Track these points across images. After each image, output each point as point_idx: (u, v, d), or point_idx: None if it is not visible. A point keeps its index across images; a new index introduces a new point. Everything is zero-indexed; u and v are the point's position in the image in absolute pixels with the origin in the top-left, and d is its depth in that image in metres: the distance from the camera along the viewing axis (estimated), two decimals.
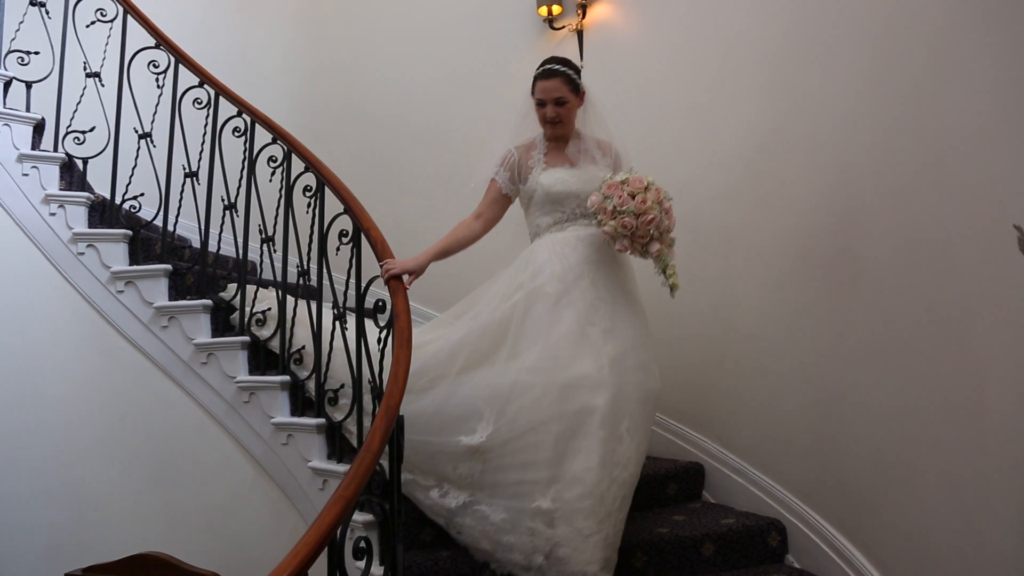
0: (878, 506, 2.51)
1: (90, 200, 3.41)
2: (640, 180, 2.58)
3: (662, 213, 2.56)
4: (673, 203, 2.64)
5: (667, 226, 2.59)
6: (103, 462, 3.28)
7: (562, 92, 2.73)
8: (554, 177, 2.76)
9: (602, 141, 2.84)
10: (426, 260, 2.76)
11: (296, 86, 4.83)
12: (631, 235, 2.56)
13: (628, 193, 2.56)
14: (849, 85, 2.66)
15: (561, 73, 2.74)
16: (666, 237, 2.60)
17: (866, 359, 2.55)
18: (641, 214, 2.53)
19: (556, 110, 2.74)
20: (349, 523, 1.95)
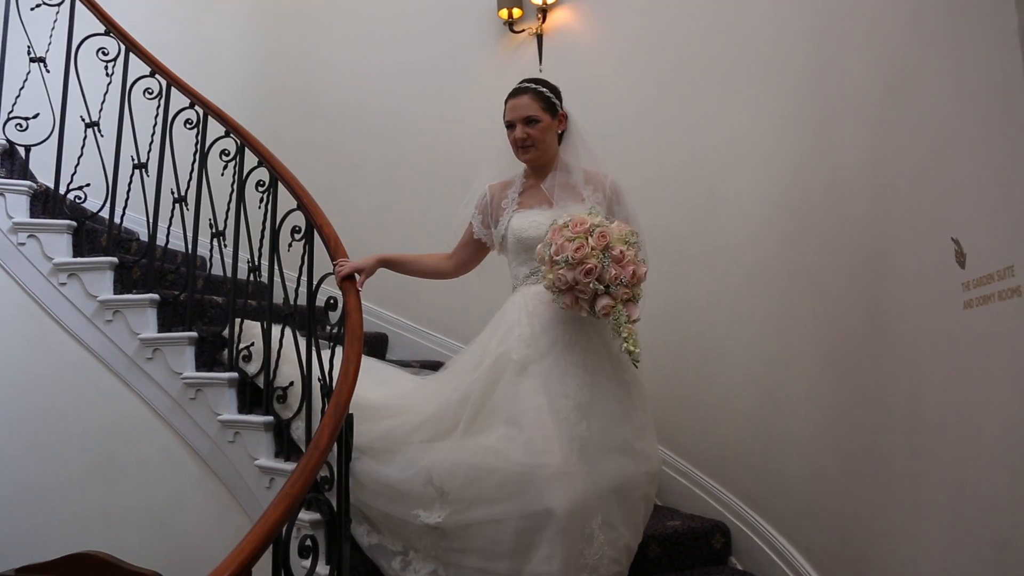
0: (818, 509, 2.58)
1: (32, 189, 3.32)
2: (582, 222, 2.19)
3: (606, 262, 2.14)
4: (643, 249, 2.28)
5: (616, 277, 2.15)
6: (41, 458, 3.19)
7: (532, 110, 2.42)
8: (526, 220, 2.43)
9: (593, 174, 2.47)
10: (375, 261, 2.62)
11: (250, 79, 4.77)
12: (571, 289, 2.18)
13: (566, 238, 2.18)
14: (797, 98, 2.72)
15: (531, 89, 2.45)
16: (617, 291, 2.16)
17: (810, 365, 2.62)
18: (578, 263, 2.13)
19: (526, 131, 2.42)
20: (295, 521, 1.93)
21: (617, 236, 2.18)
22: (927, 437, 1.88)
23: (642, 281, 2.19)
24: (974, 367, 1.61)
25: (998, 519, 1.53)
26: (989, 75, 1.57)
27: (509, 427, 2.21)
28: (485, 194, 2.57)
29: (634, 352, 2.13)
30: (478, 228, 2.57)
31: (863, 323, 2.27)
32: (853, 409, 2.35)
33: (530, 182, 2.53)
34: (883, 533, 2.15)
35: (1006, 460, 1.51)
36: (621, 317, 2.15)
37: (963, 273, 1.60)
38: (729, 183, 3.07)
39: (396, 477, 2.36)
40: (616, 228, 2.20)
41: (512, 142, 2.48)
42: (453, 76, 4.23)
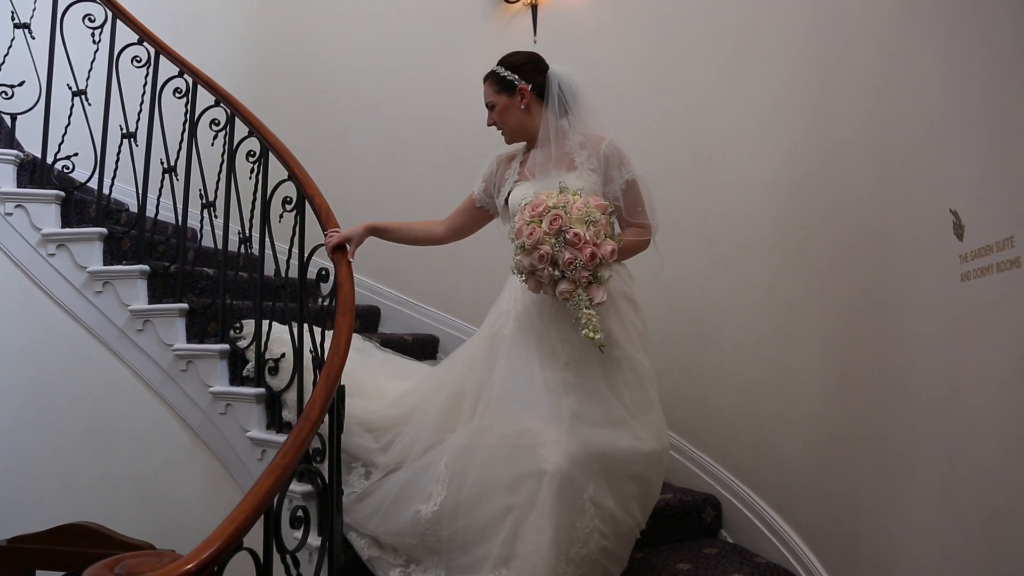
0: (810, 483, 2.59)
1: (19, 158, 3.28)
2: (540, 203, 2.11)
3: (559, 247, 2.05)
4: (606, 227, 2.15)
5: (570, 262, 2.05)
6: (32, 430, 3.18)
7: (490, 96, 2.47)
8: (520, 193, 2.38)
9: (589, 137, 2.38)
10: (363, 229, 2.63)
11: (240, 49, 4.69)
12: (532, 274, 2.13)
13: (524, 222, 2.12)
14: (795, 75, 2.69)
15: (490, 75, 2.48)
16: (575, 275, 2.07)
17: (804, 341, 2.62)
18: (532, 249, 2.08)
19: (492, 117, 2.49)
20: (286, 492, 1.93)
21: (577, 216, 2.07)
22: (919, 412, 1.88)
23: (607, 261, 2.09)
24: (968, 340, 1.61)
25: (989, 493, 1.53)
26: (989, 44, 1.55)
27: (502, 404, 2.25)
28: (492, 164, 2.58)
29: (595, 339, 2.06)
30: (480, 195, 2.57)
31: (858, 298, 2.26)
32: (846, 384, 2.35)
33: (528, 154, 2.51)
34: (875, 508, 2.16)
35: (997, 434, 1.51)
36: (581, 302, 2.08)
37: (961, 245, 1.59)
38: (725, 157, 3.05)
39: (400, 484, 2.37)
40: (579, 206, 2.09)
41: None
42: (446, 47, 4.18)
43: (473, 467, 2.20)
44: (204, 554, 1.48)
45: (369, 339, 3.19)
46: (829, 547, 2.48)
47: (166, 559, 1.51)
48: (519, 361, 2.27)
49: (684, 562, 2.68)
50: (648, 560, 2.69)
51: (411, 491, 2.32)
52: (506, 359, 2.30)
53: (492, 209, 2.58)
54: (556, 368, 2.23)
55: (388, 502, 2.36)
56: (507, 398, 2.25)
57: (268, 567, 1.77)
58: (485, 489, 2.17)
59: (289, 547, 1.87)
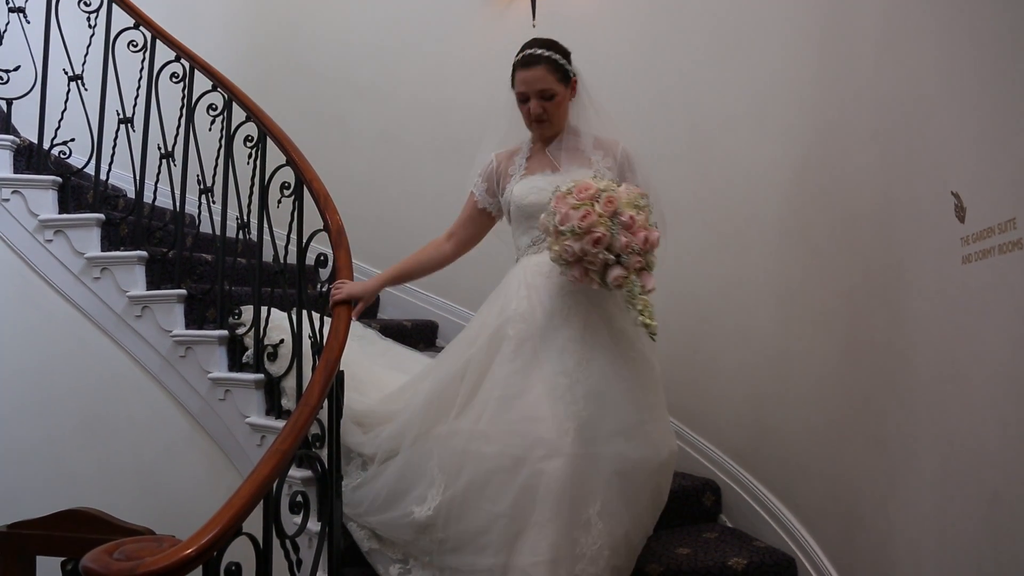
0: (809, 467, 2.59)
1: (15, 144, 3.26)
2: (586, 187, 2.04)
3: (615, 229, 1.99)
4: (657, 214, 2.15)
5: (627, 246, 1.99)
6: (31, 416, 3.18)
7: (548, 83, 2.26)
8: (528, 185, 2.31)
9: (603, 140, 2.34)
10: (376, 285, 2.50)
11: (237, 34, 4.67)
12: (579, 261, 2.03)
13: (571, 206, 2.02)
14: (795, 54, 2.68)
15: (545, 59, 2.26)
16: (629, 260, 2.00)
17: (803, 324, 2.61)
18: (585, 232, 1.98)
19: (542, 105, 2.27)
20: (286, 477, 1.92)
21: (626, 200, 2.02)
22: (919, 394, 1.88)
23: (655, 247, 2.04)
24: (969, 322, 1.60)
25: (989, 473, 1.53)
26: (989, 24, 1.54)
27: (502, 408, 2.12)
28: (491, 162, 2.44)
29: (651, 325, 1.99)
30: (481, 196, 2.45)
31: (858, 280, 2.26)
32: (846, 367, 2.35)
33: (537, 147, 2.40)
34: (874, 490, 2.16)
35: (997, 414, 1.50)
36: (635, 288, 2.00)
37: (962, 228, 1.58)
38: (724, 138, 3.04)
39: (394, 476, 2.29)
40: (624, 191, 2.05)
41: (524, 115, 2.33)
42: (445, 31, 4.15)
43: (468, 473, 2.10)
44: (203, 539, 1.48)
45: (369, 326, 3.18)
46: (828, 530, 2.48)
47: (165, 544, 1.51)
48: (524, 365, 2.14)
49: (683, 547, 2.68)
50: (647, 545, 2.69)
51: (404, 486, 2.25)
52: (511, 362, 2.16)
53: (495, 210, 2.47)
54: (566, 371, 2.11)
55: (383, 496, 2.31)
56: (509, 404, 2.12)
57: (268, 552, 1.77)
58: (481, 498, 2.07)
59: (289, 532, 1.87)
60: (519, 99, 2.31)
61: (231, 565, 1.60)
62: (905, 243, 1.95)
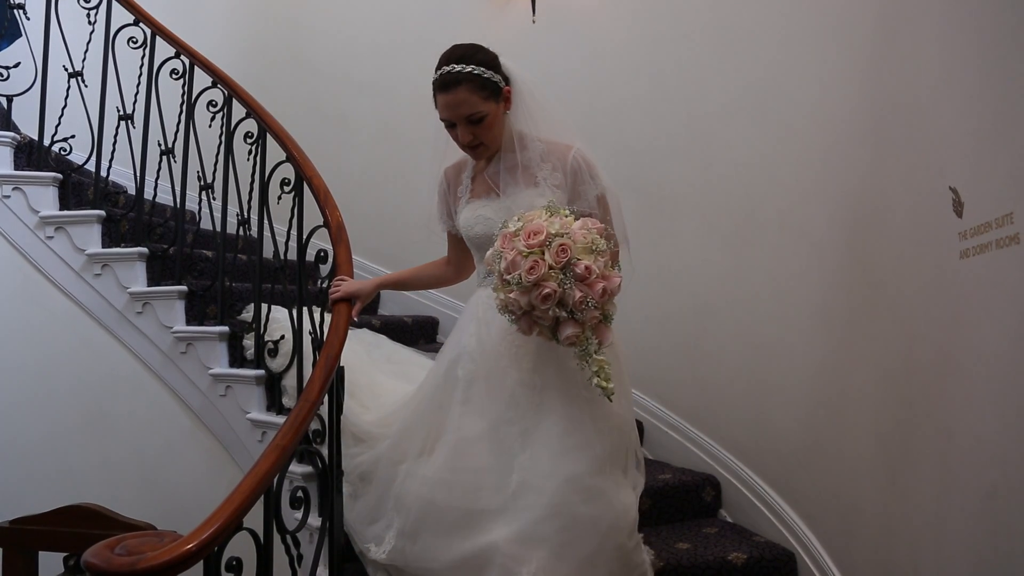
0: (809, 463, 2.60)
1: (16, 140, 3.27)
2: (537, 230, 1.73)
3: (569, 283, 1.72)
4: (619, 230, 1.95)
5: (582, 301, 1.73)
6: (33, 413, 3.19)
7: (473, 105, 1.95)
8: (474, 214, 2.06)
9: (553, 146, 2.02)
10: (375, 286, 2.37)
11: (237, 31, 4.67)
12: (527, 314, 1.79)
13: (518, 252, 1.74)
14: (793, 51, 2.67)
15: (466, 77, 1.94)
16: (584, 315, 1.74)
17: (802, 319, 2.61)
18: (534, 286, 1.72)
19: (472, 131, 1.98)
20: (286, 472, 1.93)
21: (582, 245, 1.74)
22: (917, 388, 1.88)
23: (615, 295, 1.79)
24: (967, 317, 1.61)
25: (988, 468, 1.53)
26: (988, 19, 1.54)
27: (452, 455, 1.98)
28: (442, 180, 2.20)
29: (607, 388, 1.75)
30: (444, 220, 2.22)
31: (857, 275, 2.26)
32: (844, 362, 2.35)
33: (480, 165, 2.13)
34: (873, 485, 2.16)
35: (995, 408, 1.51)
36: (590, 346, 1.77)
37: (960, 223, 1.59)
38: (724, 133, 3.03)
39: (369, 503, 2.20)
40: (580, 233, 1.75)
41: (454, 141, 2.05)
42: (444, 26, 4.14)
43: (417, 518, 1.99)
44: (204, 534, 1.48)
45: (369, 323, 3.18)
46: (828, 525, 2.49)
47: (166, 539, 1.52)
48: (474, 409, 1.97)
49: (683, 541, 2.69)
50: (647, 540, 2.70)
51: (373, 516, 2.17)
52: (461, 404, 2.00)
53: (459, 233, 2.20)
54: (512, 418, 1.92)
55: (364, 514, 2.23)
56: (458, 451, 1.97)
57: (268, 547, 1.78)
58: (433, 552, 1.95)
59: (289, 527, 1.87)
60: (445, 125, 2.02)
61: (232, 560, 1.60)
62: (903, 237, 1.96)
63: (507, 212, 1.93)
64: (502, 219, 1.90)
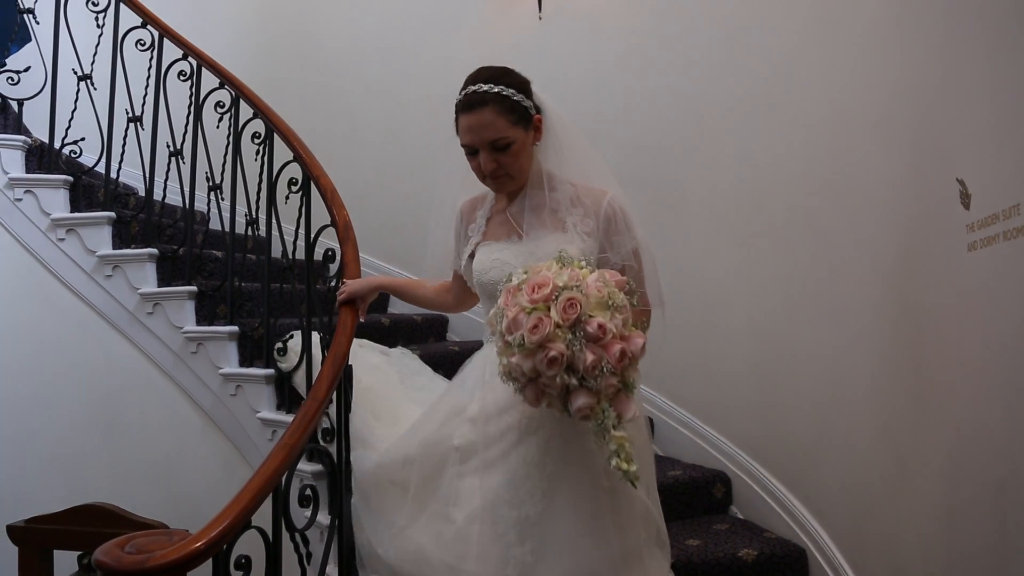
0: (819, 458, 2.59)
1: (27, 144, 3.29)
2: (543, 283, 1.50)
3: (578, 345, 1.46)
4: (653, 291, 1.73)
5: (594, 366, 1.46)
6: (46, 413, 3.21)
7: (499, 129, 1.72)
8: (488, 258, 1.81)
9: (586, 191, 1.78)
10: (373, 283, 2.27)
11: (245, 31, 4.68)
12: (533, 381, 1.52)
13: (521, 308, 1.51)
14: (802, 43, 2.66)
15: (494, 97, 1.72)
16: (600, 383, 1.47)
17: (811, 314, 2.60)
18: (538, 348, 1.48)
19: (496, 159, 1.74)
20: (294, 471, 1.93)
21: (596, 300, 1.49)
22: (926, 382, 1.87)
23: (639, 358, 1.53)
24: (975, 309, 1.60)
25: (996, 462, 1.53)
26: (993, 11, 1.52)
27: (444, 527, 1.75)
28: (456, 213, 1.97)
29: (628, 471, 1.47)
30: (455, 258, 1.99)
31: (866, 269, 2.25)
32: (853, 357, 2.34)
33: (501, 203, 1.89)
34: (883, 479, 2.15)
35: (1005, 403, 1.50)
36: (608, 420, 1.48)
37: (968, 215, 1.57)
38: (733, 129, 3.02)
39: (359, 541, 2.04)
40: (595, 286, 1.50)
41: (475, 170, 1.80)
42: (451, 25, 4.15)
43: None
44: (212, 532, 1.49)
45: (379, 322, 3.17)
46: (838, 520, 2.48)
47: (176, 538, 1.53)
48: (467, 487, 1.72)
49: (694, 538, 2.69)
50: None
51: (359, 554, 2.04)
52: (455, 476, 1.75)
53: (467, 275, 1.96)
54: (515, 503, 1.65)
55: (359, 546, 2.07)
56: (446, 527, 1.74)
57: (277, 545, 1.78)
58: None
59: (298, 526, 1.88)
60: (466, 151, 1.78)
61: (241, 558, 1.61)
62: (911, 231, 1.94)
63: (529, 258, 1.71)
64: (520, 263, 1.67)
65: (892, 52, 2.07)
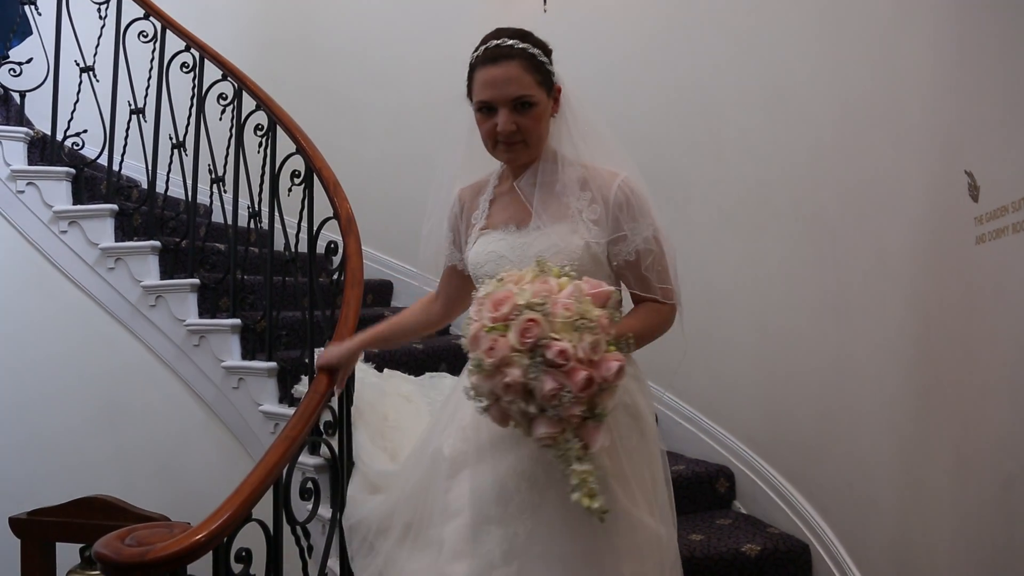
0: (823, 453, 2.57)
1: (29, 136, 3.29)
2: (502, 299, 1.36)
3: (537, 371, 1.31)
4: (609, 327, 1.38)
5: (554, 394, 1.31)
6: (49, 406, 3.21)
7: (525, 86, 1.57)
8: (485, 248, 1.65)
9: (596, 173, 1.62)
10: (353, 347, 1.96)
11: (249, 24, 4.66)
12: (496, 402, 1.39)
13: (482, 325, 1.37)
14: (808, 34, 2.64)
15: (519, 53, 1.58)
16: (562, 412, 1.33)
17: (816, 308, 2.59)
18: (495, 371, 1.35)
19: (516, 120, 1.57)
20: (295, 463, 1.93)
21: (563, 320, 1.33)
22: (933, 377, 1.86)
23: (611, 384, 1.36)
24: (983, 303, 1.58)
25: (1004, 457, 1.51)
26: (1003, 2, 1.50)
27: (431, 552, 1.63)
28: (454, 201, 1.78)
29: (592, 507, 1.33)
30: (450, 250, 1.80)
31: (872, 263, 2.23)
32: (858, 351, 2.32)
33: (504, 185, 1.71)
34: (889, 475, 2.14)
35: (1013, 397, 1.48)
36: (571, 452, 1.35)
37: (976, 207, 1.56)
38: (739, 122, 3.00)
39: None
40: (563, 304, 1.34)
41: (488, 135, 1.61)
42: (455, 17, 4.13)
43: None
44: (213, 525, 1.49)
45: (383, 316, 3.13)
46: (842, 516, 2.47)
47: (176, 530, 1.53)
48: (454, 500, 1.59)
49: (697, 533, 2.67)
50: None
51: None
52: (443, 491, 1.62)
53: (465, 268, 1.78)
54: (500, 519, 1.50)
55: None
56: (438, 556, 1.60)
57: (278, 538, 1.78)
58: None
59: (300, 519, 1.88)
60: (481, 110, 1.60)
61: (242, 551, 1.61)
62: (919, 224, 1.93)
63: (524, 250, 1.58)
64: (517, 259, 1.56)
65: (900, 45, 2.05)
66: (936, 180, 1.81)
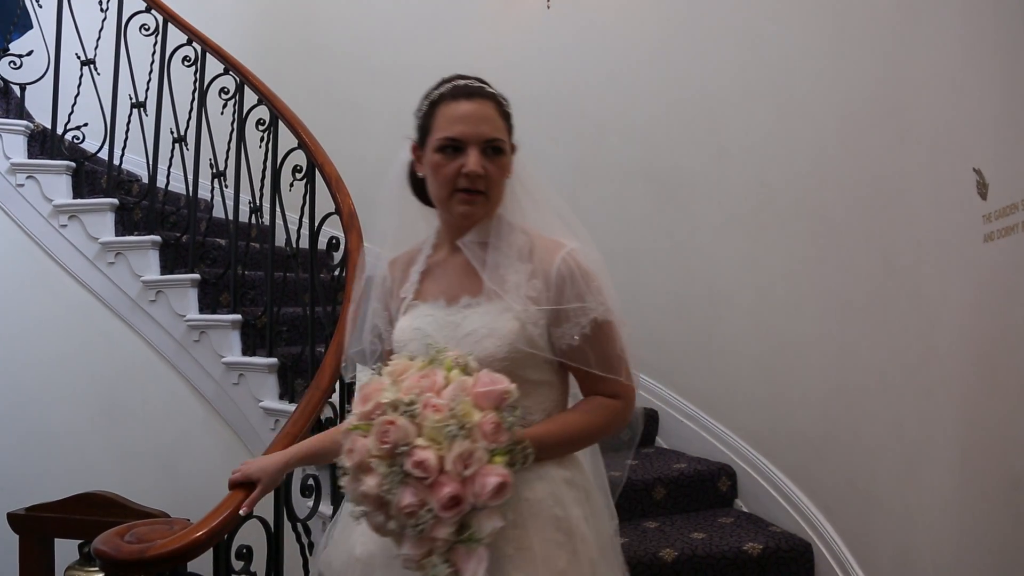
0: (825, 452, 2.56)
1: (30, 129, 3.27)
2: (370, 393, 1.21)
3: (394, 483, 1.14)
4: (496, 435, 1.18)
5: (412, 510, 1.14)
6: (49, 401, 3.21)
7: (498, 130, 1.38)
8: (412, 323, 1.42)
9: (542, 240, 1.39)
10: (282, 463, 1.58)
11: (250, 19, 4.65)
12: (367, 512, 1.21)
13: (353, 418, 1.22)
14: (814, 34, 2.62)
15: (491, 96, 1.41)
16: (426, 532, 1.15)
17: (819, 307, 2.57)
18: (356, 474, 1.19)
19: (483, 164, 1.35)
20: None
21: (430, 426, 1.15)
22: (937, 376, 1.85)
23: (490, 503, 1.15)
24: (991, 302, 1.57)
25: (1011, 456, 1.50)
26: None
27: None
28: (386, 277, 1.53)
29: None
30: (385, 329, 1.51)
31: (877, 262, 2.22)
32: (862, 349, 2.31)
33: (439, 254, 1.48)
34: (892, 474, 2.13)
35: (1020, 397, 1.47)
36: (438, 574, 1.16)
37: (985, 205, 1.55)
38: (742, 121, 2.98)
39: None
40: (434, 405, 1.17)
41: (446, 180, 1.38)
42: (458, 14, 4.11)
43: None
44: (213, 522, 1.48)
45: None
46: (845, 515, 2.46)
47: (176, 527, 1.52)
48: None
49: (699, 531, 2.66)
50: (662, 529, 2.69)
51: None
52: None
53: None
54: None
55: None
56: None
57: (279, 535, 1.77)
58: None
59: (300, 515, 1.87)
60: (444, 150, 1.37)
61: (242, 548, 1.60)
62: (925, 222, 1.91)
63: (453, 331, 1.35)
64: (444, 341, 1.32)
65: (908, 43, 2.03)
66: (942, 178, 1.80)
